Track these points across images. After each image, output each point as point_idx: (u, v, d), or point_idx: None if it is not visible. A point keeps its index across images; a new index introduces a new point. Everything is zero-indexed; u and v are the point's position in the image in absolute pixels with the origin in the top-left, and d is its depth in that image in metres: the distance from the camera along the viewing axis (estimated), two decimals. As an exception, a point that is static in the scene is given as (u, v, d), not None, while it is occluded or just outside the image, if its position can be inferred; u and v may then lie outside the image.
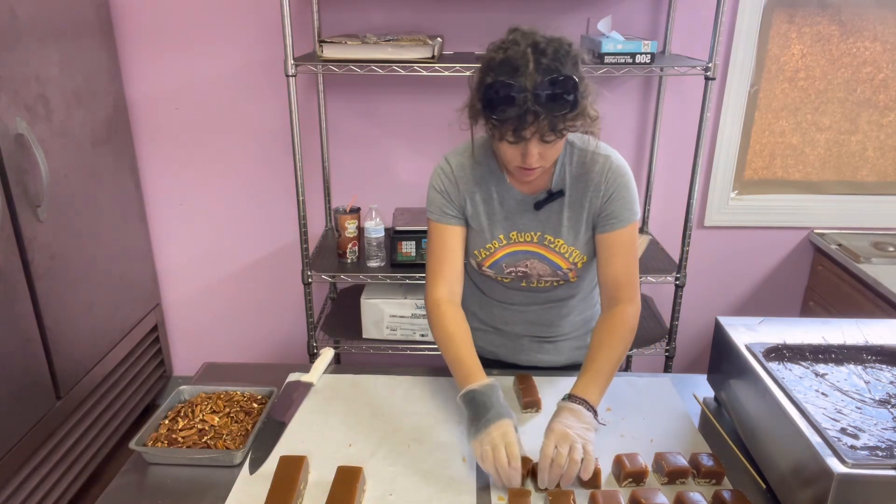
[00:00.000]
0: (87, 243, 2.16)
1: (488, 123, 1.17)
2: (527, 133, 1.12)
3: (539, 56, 1.11)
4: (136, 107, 2.46)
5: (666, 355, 2.32)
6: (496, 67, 1.13)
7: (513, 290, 1.44)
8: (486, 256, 1.38)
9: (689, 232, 2.18)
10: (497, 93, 1.11)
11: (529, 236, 1.36)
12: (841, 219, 2.59)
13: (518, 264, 1.38)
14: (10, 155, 1.78)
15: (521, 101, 1.09)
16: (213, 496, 1.14)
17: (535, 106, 1.09)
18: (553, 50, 1.12)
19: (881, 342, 1.27)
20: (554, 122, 1.12)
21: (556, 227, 1.34)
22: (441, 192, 1.36)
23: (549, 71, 1.10)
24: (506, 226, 1.36)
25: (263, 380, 1.45)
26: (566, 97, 1.10)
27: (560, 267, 1.36)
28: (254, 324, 2.79)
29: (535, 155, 1.17)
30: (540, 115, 1.10)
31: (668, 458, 1.17)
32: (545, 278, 1.39)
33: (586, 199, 1.32)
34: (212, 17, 2.34)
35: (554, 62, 1.11)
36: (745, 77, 2.40)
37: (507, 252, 1.37)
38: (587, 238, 1.35)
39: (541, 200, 1.32)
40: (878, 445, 1.01)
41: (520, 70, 1.10)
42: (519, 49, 1.12)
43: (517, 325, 1.49)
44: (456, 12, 2.31)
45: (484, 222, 1.36)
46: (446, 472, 1.19)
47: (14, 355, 1.82)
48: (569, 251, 1.35)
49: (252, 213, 2.61)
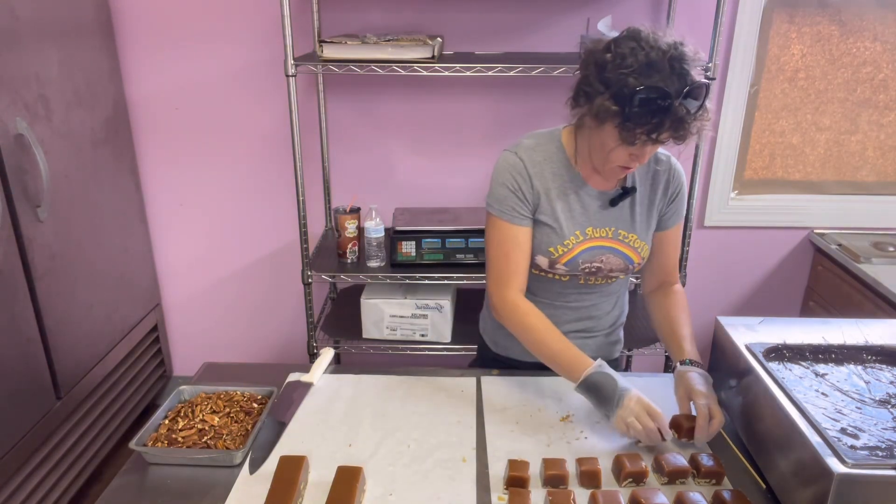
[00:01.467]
0: (87, 243, 2.16)
1: (621, 126, 1.17)
2: (663, 136, 1.16)
3: (677, 62, 1.14)
4: (136, 107, 2.46)
5: (666, 355, 2.32)
6: (641, 71, 1.14)
7: (570, 289, 1.44)
8: (563, 253, 1.37)
9: (689, 232, 2.18)
10: (647, 98, 1.13)
11: (604, 231, 1.37)
12: (841, 219, 2.59)
13: (594, 260, 1.38)
14: (10, 155, 1.77)
15: (668, 107, 1.12)
16: (213, 496, 1.14)
17: (680, 109, 1.13)
18: (683, 55, 1.16)
19: (881, 342, 1.27)
20: (689, 126, 1.16)
21: (629, 222, 1.38)
22: (514, 191, 1.34)
23: (688, 75, 1.14)
24: (582, 222, 1.37)
25: (263, 380, 1.45)
26: (704, 101, 1.15)
27: (632, 260, 1.40)
28: (254, 324, 2.79)
29: (648, 155, 1.23)
30: (686, 119, 1.14)
31: (668, 458, 1.17)
32: (615, 273, 1.41)
33: (656, 196, 1.39)
34: (212, 17, 2.34)
35: (690, 66, 1.15)
36: (745, 77, 2.40)
37: (585, 248, 1.37)
38: (652, 233, 1.43)
39: (616, 197, 1.35)
40: (878, 445, 1.01)
41: (662, 73, 1.13)
42: (655, 51, 1.14)
43: (564, 323, 1.46)
44: (456, 12, 2.31)
45: (561, 219, 1.36)
46: (446, 472, 1.19)
47: (14, 355, 1.82)
48: (641, 245, 1.40)
49: (252, 213, 2.61)
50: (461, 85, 2.39)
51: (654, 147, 1.22)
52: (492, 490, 1.15)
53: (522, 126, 2.46)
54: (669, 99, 1.12)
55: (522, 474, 1.14)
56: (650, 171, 1.39)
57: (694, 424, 1.21)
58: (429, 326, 2.29)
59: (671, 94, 1.12)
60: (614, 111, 1.16)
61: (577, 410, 1.37)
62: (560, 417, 1.35)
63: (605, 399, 1.24)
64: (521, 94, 2.41)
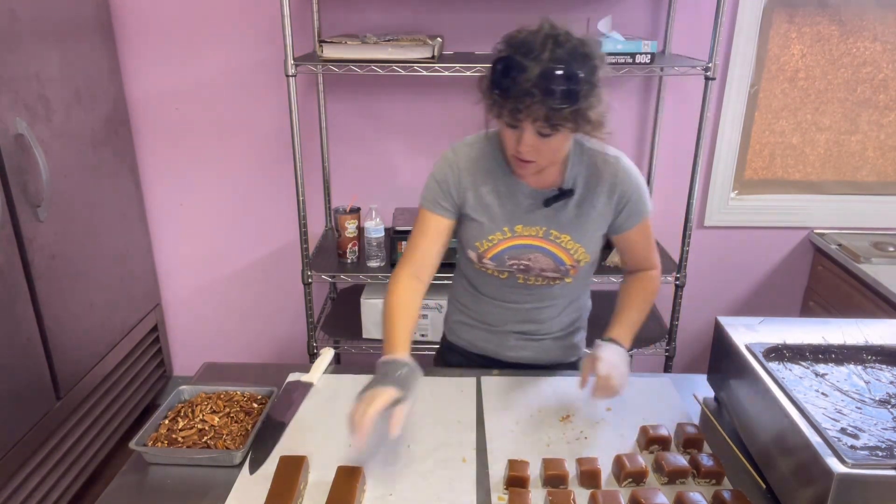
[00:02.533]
0: (87, 243, 2.16)
1: (491, 99, 1.18)
2: (522, 116, 1.14)
3: (556, 47, 1.13)
4: (136, 107, 2.46)
5: (666, 355, 2.32)
6: (513, 45, 1.16)
7: (508, 288, 1.45)
8: (488, 248, 1.38)
9: (689, 232, 2.18)
10: (506, 66, 1.13)
11: (535, 230, 1.36)
12: (841, 219, 2.59)
13: (521, 257, 1.38)
14: (10, 155, 1.78)
15: (524, 80, 1.11)
16: (213, 496, 1.14)
17: (535, 90, 1.11)
18: (571, 46, 1.14)
19: (881, 342, 1.27)
20: (550, 113, 1.13)
21: (563, 223, 1.36)
22: (440, 182, 1.37)
23: (559, 61, 1.11)
24: (512, 218, 1.36)
25: (263, 380, 1.45)
26: (568, 91, 1.11)
27: (563, 262, 1.38)
28: (254, 324, 2.79)
29: (529, 145, 1.19)
30: (536, 100, 1.11)
31: (668, 458, 1.17)
32: (546, 273, 1.40)
33: (597, 200, 1.35)
34: (212, 17, 2.34)
35: (568, 56, 1.12)
36: (745, 77, 2.40)
37: (511, 244, 1.37)
38: (594, 238, 1.38)
39: (551, 197, 1.34)
40: (878, 445, 1.01)
41: (533, 53, 1.12)
42: (540, 35, 1.15)
43: (507, 323, 1.49)
44: (456, 12, 2.31)
45: (488, 213, 1.36)
46: (446, 472, 1.19)
47: (14, 355, 1.82)
48: (574, 248, 1.37)
49: (252, 212, 2.61)
50: (461, 85, 2.38)
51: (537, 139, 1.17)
52: (492, 490, 1.15)
53: (522, 126, 2.45)
54: (529, 73, 1.10)
55: (522, 474, 1.14)
56: (592, 174, 1.35)
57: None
58: (428, 326, 2.29)
59: (532, 70, 1.10)
60: (486, 85, 1.18)
61: (577, 410, 1.37)
62: (560, 417, 1.35)
63: (372, 382, 1.17)
64: (521, 94, 2.41)
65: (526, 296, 1.45)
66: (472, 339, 1.54)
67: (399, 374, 1.18)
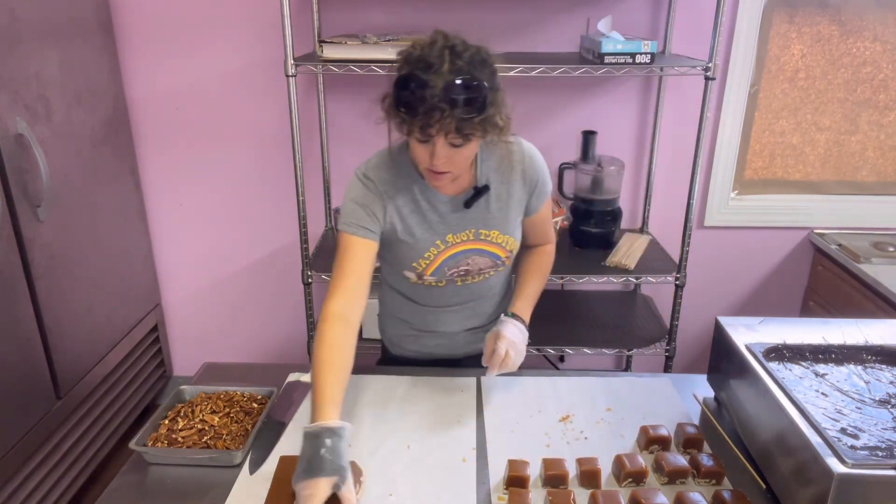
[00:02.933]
0: (87, 243, 2.16)
1: (398, 117, 1.17)
2: (433, 131, 1.14)
3: (455, 58, 1.13)
4: (136, 107, 2.46)
5: (666, 355, 2.32)
6: (412, 62, 1.15)
7: (449, 294, 1.45)
8: (426, 266, 1.37)
9: (689, 232, 2.18)
10: (409, 86, 1.13)
11: (465, 235, 1.37)
12: (841, 219, 2.59)
13: (459, 264, 1.39)
14: (10, 155, 1.77)
15: (430, 96, 1.10)
16: (213, 496, 1.14)
17: (443, 104, 1.11)
18: (470, 55, 1.15)
19: (881, 342, 1.27)
20: (460, 124, 1.13)
21: (488, 219, 1.38)
22: (362, 206, 1.32)
23: (461, 72, 1.12)
24: (440, 230, 1.36)
25: (263, 380, 1.45)
26: (474, 101, 1.13)
27: (499, 256, 1.41)
28: (254, 324, 2.79)
29: (443, 157, 1.19)
30: (446, 114, 1.11)
31: (668, 458, 1.17)
32: (486, 270, 1.42)
33: (513, 188, 1.38)
34: (212, 17, 2.34)
35: (468, 66, 1.14)
36: (745, 77, 2.40)
37: (448, 256, 1.38)
38: (517, 224, 1.43)
39: (469, 198, 1.34)
40: (878, 445, 1.01)
41: (433, 67, 1.12)
42: (436, 47, 1.14)
43: (454, 324, 1.50)
44: (456, 12, 2.31)
45: (417, 234, 1.35)
46: (446, 472, 1.19)
47: (14, 355, 1.82)
48: (504, 240, 1.40)
49: (252, 212, 2.61)
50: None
51: (449, 150, 1.18)
52: (492, 490, 1.15)
53: (522, 126, 2.45)
54: (434, 89, 1.10)
55: (522, 474, 1.14)
56: (502, 165, 1.37)
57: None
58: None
59: (436, 85, 1.10)
60: (390, 104, 1.17)
61: (577, 410, 1.37)
62: (560, 417, 1.35)
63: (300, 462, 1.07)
64: (521, 94, 2.41)
65: (467, 296, 1.47)
66: (421, 349, 1.54)
67: (324, 451, 1.05)
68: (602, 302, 2.58)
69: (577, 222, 2.35)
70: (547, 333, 2.27)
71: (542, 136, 2.47)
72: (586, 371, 1.56)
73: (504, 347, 1.32)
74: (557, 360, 2.73)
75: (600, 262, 2.22)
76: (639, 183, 2.55)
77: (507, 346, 1.33)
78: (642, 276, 2.20)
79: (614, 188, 2.35)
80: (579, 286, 2.60)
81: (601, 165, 2.31)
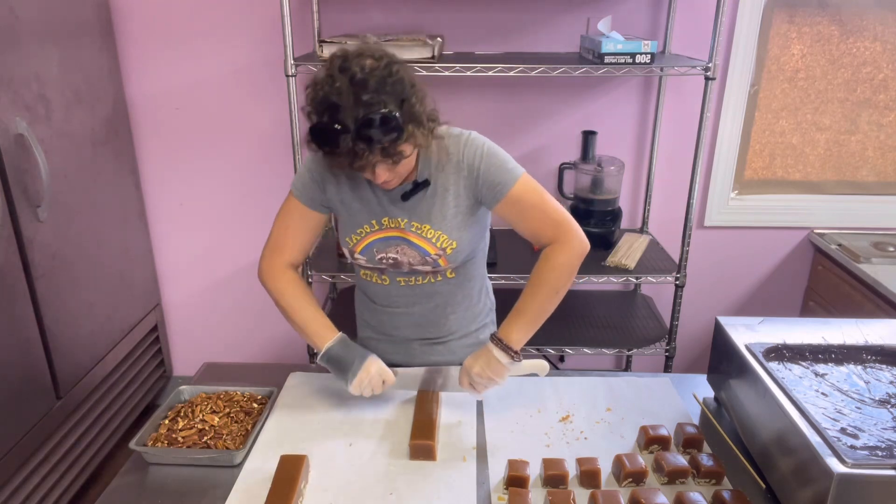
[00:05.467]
0: (87, 243, 2.16)
1: (324, 157, 1.18)
2: (361, 165, 1.15)
3: (359, 91, 1.10)
4: (136, 107, 2.46)
5: (666, 355, 2.32)
6: (318, 107, 1.13)
7: (394, 292, 1.43)
8: (356, 242, 1.38)
9: (689, 232, 2.18)
10: (322, 135, 1.12)
11: (397, 222, 1.35)
12: (841, 219, 2.59)
13: (388, 250, 1.37)
14: (10, 155, 1.77)
15: (345, 142, 1.10)
16: (213, 496, 1.14)
17: (360, 144, 1.10)
18: (375, 82, 1.11)
19: (881, 342, 1.27)
20: (385, 153, 1.14)
21: (424, 213, 1.34)
22: (315, 180, 1.36)
23: (370, 106, 1.10)
24: (377, 212, 1.36)
25: (263, 380, 1.45)
26: (391, 130, 1.11)
27: (428, 252, 1.35)
28: (254, 323, 2.79)
29: (383, 176, 1.20)
30: (366, 152, 1.12)
31: (668, 458, 1.17)
32: (417, 267, 1.37)
33: (450, 182, 1.32)
34: (212, 17, 2.34)
35: (374, 94, 1.11)
36: (745, 77, 2.40)
37: (377, 238, 1.37)
38: (457, 222, 1.33)
39: (407, 192, 1.32)
40: (878, 445, 1.01)
41: (340, 109, 1.10)
42: (337, 84, 1.11)
43: (405, 329, 1.48)
44: (456, 12, 2.31)
45: (355, 209, 1.36)
46: (446, 471, 1.19)
47: (14, 355, 1.82)
48: (435, 235, 1.34)
49: (252, 212, 2.61)
50: (461, 85, 2.39)
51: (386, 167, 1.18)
52: (492, 490, 1.15)
53: (522, 126, 2.46)
54: (347, 133, 1.10)
55: (522, 474, 1.15)
56: (441, 159, 1.31)
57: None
58: None
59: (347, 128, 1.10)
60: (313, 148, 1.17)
61: (576, 410, 1.38)
62: (560, 417, 1.35)
63: (343, 369, 1.33)
64: (521, 94, 2.41)
65: (412, 298, 1.43)
66: (381, 353, 1.52)
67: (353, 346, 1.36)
68: (602, 302, 2.58)
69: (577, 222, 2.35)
70: (547, 333, 2.26)
71: (542, 136, 2.47)
72: (586, 371, 1.56)
73: (465, 380, 1.35)
74: (557, 360, 2.73)
75: (600, 262, 2.22)
76: (639, 183, 2.55)
77: (463, 375, 1.35)
78: (642, 276, 2.20)
79: (614, 188, 2.35)
80: (579, 286, 2.60)
81: (601, 165, 2.31)
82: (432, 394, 1.39)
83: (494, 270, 2.10)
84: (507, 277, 2.13)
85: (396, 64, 1.16)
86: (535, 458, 1.20)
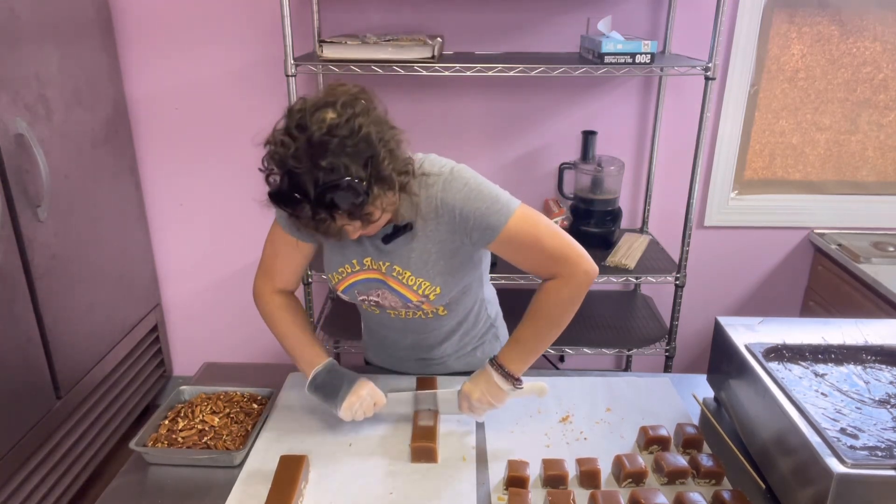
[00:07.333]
0: (87, 243, 2.16)
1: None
2: (325, 229, 1.08)
3: (317, 155, 1.01)
4: (136, 107, 2.46)
5: (666, 355, 2.32)
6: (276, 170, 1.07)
7: (387, 322, 1.41)
8: (339, 280, 1.33)
9: (689, 232, 2.18)
10: (284, 204, 1.06)
11: (380, 265, 1.28)
12: (841, 219, 2.59)
13: (370, 293, 1.32)
14: (10, 155, 1.77)
15: (308, 211, 1.04)
16: (213, 496, 1.14)
17: (321, 212, 1.03)
18: (336, 143, 1.01)
19: (881, 342, 1.27)
20: (351, 217, 1.07)
21: (404, 258, 1.26)
22: (292, 218, 1.27)
23: (329, 172, 1.01)
24: (359, 251, 1.29)
25: (263, 380, 1.45)
26: (353, 195, 1.03)
27: (409, 300, 1.28)
28: (254, 324, 2.76)
29: (355, 234, 1.14)
30: (328, 220, 1.05)
31: (668, 458, 1.17)
32: (398, 310, 1.33)
33: (428, 227, 1.23)
34: (212, 17, 2.34)
35: (334, 157, 1.01)
36: (745, 77, 2.40)
37: (358, 279, 1.32)
38: (440, 268, 1.25)
39: (388, 235, 1.24)
40: (878, 445, 1.01)
41: (298, 175, 1.02)
42: (295, 149, 1.02)
43: (400, 350, 1.48)
44: (456, 12, 2.31)
45: (336, 247, 1.32)
46: (446, 471, 1.19)
47: (14, 355, 1.82)
48: (417, 283, 1.26)
49: (252, 212, 2.59)
50: (461, 85, 2.39)
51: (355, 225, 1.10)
52: (492, 490, 1.15)
53: (522, 126, 2.46)
54: (307, 204, 1.02)
55: (522, 474, 1.15)
56: (424, 203, 1.22)
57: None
58: None
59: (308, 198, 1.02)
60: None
61: (576, 411, 1.37)
62: (560, 418, 1.35)
63: (331, 395, 1.27)
64: (521, 94, 2.41)
65: (403, 331, 1.41)
66: (382, 363, 1.54)
67: (339, 373, 1.29)
68: (602, 302, 2.58)
69: (577, 222, 2.35)
70: (547, 333, 2.27)
71: (542, 136, 2.47)
72: (586, 371, 1.56)
73: (465, 405, 1.30)
74: (557, 360, 2.73)
75: (600, 262, 2.22)
76: (639, 183, 2.55)
77: (463, 400, 1.30)
78: (642, 276, 2.20)
79: (614, 188, 2.35)
80: (579, 286, 2.60)
81: (601, 165, 2.31)
82: None
83: (494, 270, 2.10)
84: (507, 277, 2.13)
85: (361, 116, 1.05)
86: (535, 459, 1.20)
